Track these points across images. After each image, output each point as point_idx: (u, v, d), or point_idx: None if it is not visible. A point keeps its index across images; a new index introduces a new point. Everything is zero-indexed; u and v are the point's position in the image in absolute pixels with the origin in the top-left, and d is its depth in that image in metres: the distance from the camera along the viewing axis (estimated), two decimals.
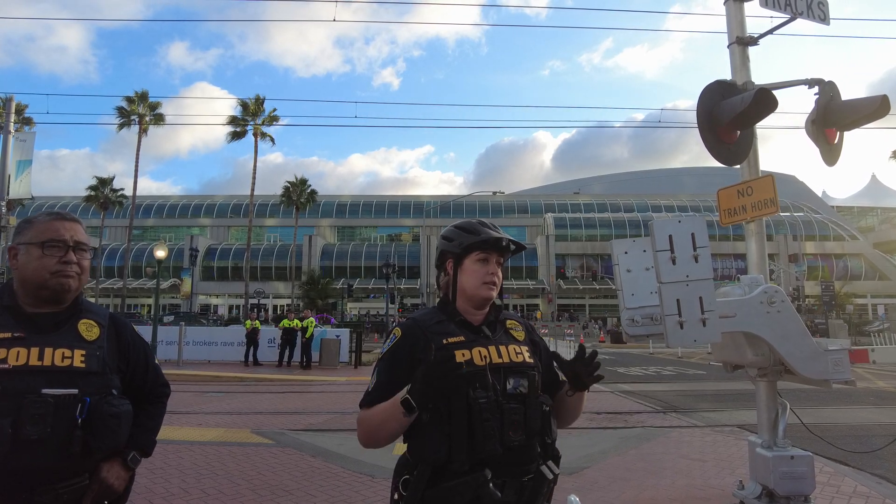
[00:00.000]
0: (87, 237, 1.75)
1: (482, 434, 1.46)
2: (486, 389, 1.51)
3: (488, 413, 1.47)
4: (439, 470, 1.48)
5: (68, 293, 1.66)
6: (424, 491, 1.48)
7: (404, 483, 1.53)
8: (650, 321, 3.58)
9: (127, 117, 36.72)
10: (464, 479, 1.46)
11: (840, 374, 3.18)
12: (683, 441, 6.78)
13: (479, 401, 1.48)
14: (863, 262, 51.10)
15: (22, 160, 13.47)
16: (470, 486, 1.45)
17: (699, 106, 3.77)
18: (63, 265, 1.63)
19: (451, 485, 1.46)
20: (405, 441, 1.59)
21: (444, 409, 1.49)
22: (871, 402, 10.19)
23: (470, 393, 1.49)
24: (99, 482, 1.61)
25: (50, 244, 1.63)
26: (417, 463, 1.52)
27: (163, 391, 1.93)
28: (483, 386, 1.51)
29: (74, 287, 1.66)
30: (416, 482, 1.49)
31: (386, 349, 1.64)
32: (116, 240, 53.18)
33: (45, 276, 1.61)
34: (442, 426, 1.48)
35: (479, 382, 1.52)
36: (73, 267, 1.65)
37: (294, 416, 8.43)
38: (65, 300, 1.67)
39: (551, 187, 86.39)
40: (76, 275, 1.66)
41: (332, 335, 17.52)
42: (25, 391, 1.48)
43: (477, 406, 1.47)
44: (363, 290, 49.86)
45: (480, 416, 1.47)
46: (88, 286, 6.22)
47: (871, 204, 67.38)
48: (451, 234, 1.73)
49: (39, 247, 1.62)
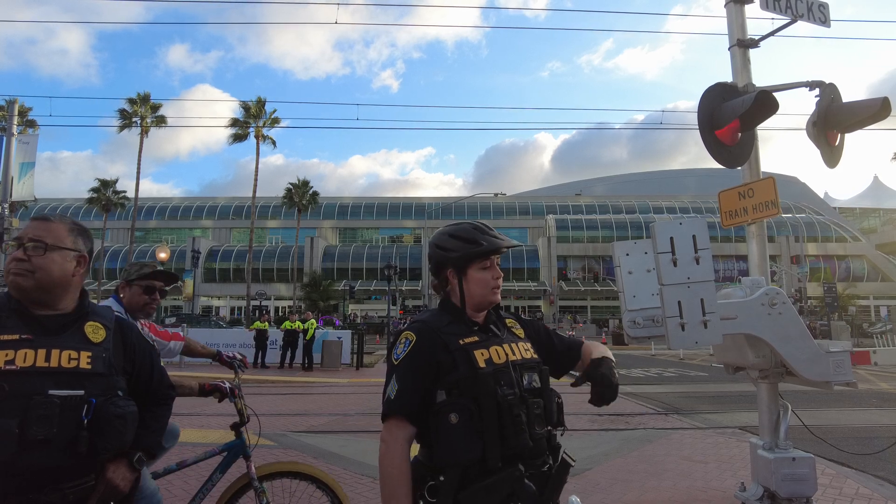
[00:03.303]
0: (58, 236, 1.66)
1: (514, 430, 1.48)
2: (511, 386, 1.54)
3: (517, 409, 1.50)
4: (467, 470, 1.48)
5: (25, 292, 1.61)
6: (456, 494, 1.47)
7: (430, 490, 1.51)
8: (652, 323, 3.58)
9: (128, 119, 36.76)
10: (500, 475, 1.46)
11: (841, 376, 3.17)
12: (685, 443, 6.77)
13: (507, 397, 1.50)
14: (865, 263, 50.96)
15: (25, 162, 13.50)
16: (507, 482, 1.46)
17: (700, 108, 3.78)
18: (12, 263, 1.61)
19: (488, 483, 1.46)
20: (422, 446, 1.58)
21: (474, 409, 1.49)
22: (873, 403, 10.16)
23: (498, 391, 1.50)
24: (105, 483, 1.63)
25: (10, 244, 1.65)
26: (444, 466, 1.50)
27: (168, 393, 1.94)
28: (508, 383, 1.54)
29: (27, 286, 1.60)
30: (447, 486, 1.48)
31: (402, 355, 1.59)
32: (119, 242, 53.29)
33: (5, 276, 1.63)
34: (473, 426, 1.48)
35: (504, 380, 1.54)
36: (21, 264, 1.60)
37: (296, 418, 8.44)
38: (38, 301, 1.62)
39: (552, 189, 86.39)
40: (26, 272, 1.59)
41: (333, 337, 17.54)
42: (32, 392, 1.49)
43: (507, 403, 1.49)
44: (365, 292, 49.86)
45: (511, 412, 1.49)
46: (90, 288, 6.17)
47: (873, 205, 67.23)
48: (447, 243, 1.71)
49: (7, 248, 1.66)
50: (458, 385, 1.53)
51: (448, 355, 1.56)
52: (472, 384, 1.52)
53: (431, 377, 1.56)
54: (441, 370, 1.56)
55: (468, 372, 1.53)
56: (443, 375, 1.56)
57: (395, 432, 1.53)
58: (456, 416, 1.49)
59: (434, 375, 1.56)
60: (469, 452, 1.47)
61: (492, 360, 1.56)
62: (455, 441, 1.48)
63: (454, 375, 1.54)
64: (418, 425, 1.55)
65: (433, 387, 1.56)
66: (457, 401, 1.51)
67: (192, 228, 57.11)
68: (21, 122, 21.10)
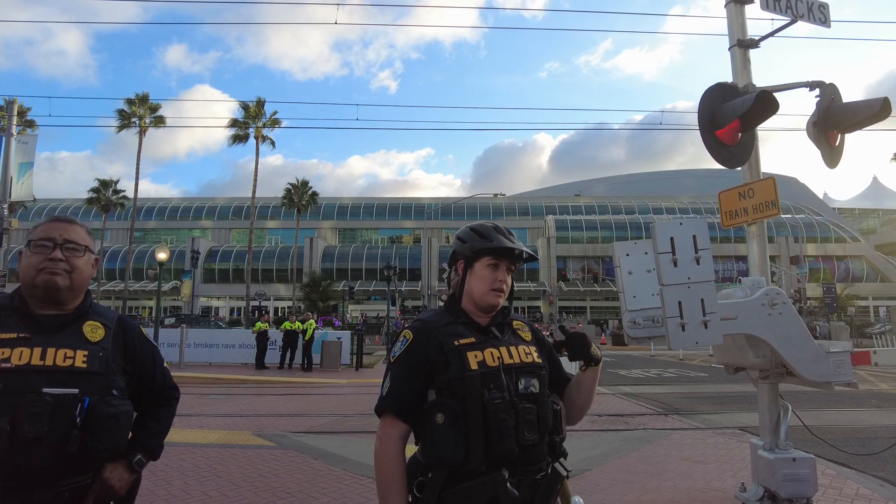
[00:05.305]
0: (86, 238, 1.74)
1: (499, 434, 1.47)
2: (501, 390, 1.52)
3: (504, 413, 1.48)
4: (455, 471, 1.48)
5: (58, 291, 1.64)
6: (441, 492, 1.48)
7: (419, 485, 1.53)
8: (652, 323, 3.58)
9: (127, 119, 36.78)
10: (482, 479, 1.46)
11: (842, 377, 3.17)
12: (685, 443, 6.77)
13: (494, 401, 1.49)
14: (864, 263, 51.00)
15: (24, 162, 13.48)
16: (488, 486, 1.46)
17: (700, 108, 3.78)
18: (48, 262, 1.63)
19: (470, 485, 1.46)
20: (417, 443, 1.59)
21: (459, 411, 1.49)
22: (873, 404, 10.17)
23: (485, 394, 1.49)
24: (100, 482, 1.63)
25: (38, 243, 1.65)
26: (432, 465, 1.51)
27: (171, 394, 1.93)
28: (497, 386, 1.52)
29: (63, 285, 1.64)
30: (432, 484, 1.49)
31: (399, 352, 1.61)
32: (118, 242, 53.26)
33: (33, 275, 1.63)
34: (458, 427, 1.48)
35: (494, 383, 1.52)
36: (59, 264, 1.64)
37: (296, 419, 8.43)
38: (59, 299, 1.66)
39: (552, 189, 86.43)
40: (64, 272, 1.64)
41: (333, 337, 17.53)
42: (26, 390, 1.50)
43: (493, 406, 1.48)
44: (364, 293, 49.86)
45: (496, 416, 1.47)
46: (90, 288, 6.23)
47: (872, 206, 67.36)
48: (466, 235, 1.73)
49: (29, 247, 1.66)
50: (449, 386, 1.53)
51: (442, 355, 1.56)
52: (460, 386, 1.51)
53: (425, 376, 1.56)
54: (435, 370, 1.56)
55: (458, 373, 1.53)
56: (436, 375, 1.56)
57: (388, 430, 1.55)
58: (442, 417, 1.49)
59: (428, 375, 1.56)
60: (453, 454, 1.47)
61: (484, 363, 1.55)
62: (440, 441, 1.49)
63: (446, 376, 1.54)
64: (411, 423, 1.56)
65: (426, 386, 1.56)
66: (445, 401, 1.51)
67: (191, 229, 57.11)
68: (20, 122, 21.08)
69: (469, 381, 1.51)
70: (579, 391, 1.75)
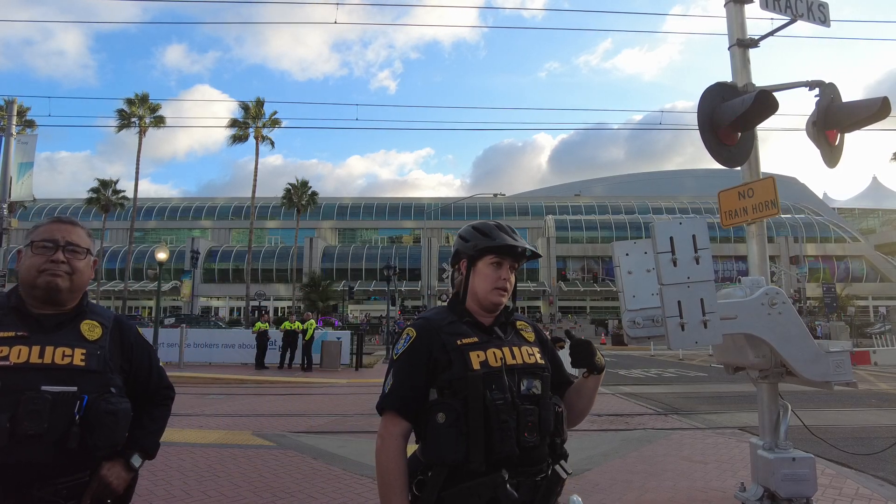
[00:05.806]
0: (87, 240, 1.75)
1: (500, 435, 1.46)
2: (503, 391, 1.51)
3: (505, 414, 1.48)
4: (455, 471, 1.48)
5: (59, 293, 1.65)
6: (441, 492, 1.48)
7: (419, 484, 1.52)
8: (651, 323, 3.58)
9: (127, 119, 36.76)
10: (482, 479, 1.46)
11: (841, 376, 3.17)
12: (685, 443, 6.77)
13: (496, 402, 1.48)
14: (864, 263, 51.00)
15: (23, 162, 13.47)
16: (488, 486, 1.45)
17: (700, 108, 3.77)
18: (50, 264, 1.64)
19: (470, 485, 1.46)
20: (417, 441, 1.59)
21: (461, 411, 1.48)
22: (872, 404, 10.17)
23: (487, 394, 1.49)
24: (98, 480, 1.63)
25: (39, 244, 1.66)
26: (432, 464, 1.51)
27: (167, 394, 1.94)
28: (499, 387, 1.51)
29: (64, 287, 1.65)
30: (432, 483, 1.49)
31: (401, 350, 1.61)
32: (117, 242, 53.22)
33: (34, 275, 1.63)
34: (459, 427, 1.47)
35: (496, 384, 1.52)
36: (61, 266, 1.65)
37: (295, 419, 8.43)
38: (59, 300, 1.67)
39: (552, 189, 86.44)
40: (65, 274, 1.65)
41: (332, 337, 17.53)
42: (25, 387, 1.50)
43: (494, 407, 1.47)
44: (364, 293, 49.84)
45: (498, 417, 1.47)
46: (90, 288, 6.26)
47: (872, 206, 67.36)
48: (468, 234, 1.73)
49: (31, 247, 1.66)
50: (451, 385, 1.53)
51: (445, 354, 1.56)
52: (462, 385, 1.51)
53: (427, 374, 1.56)
54: (437, 369, 1.56)
55: (461, 373, 1.52)
56: (438, 374, 1.55)
57: (389, 427, 1.54)
58: (443, 416, 1.48)
59: (430, 373, 1.56)
60: (453, 453, 1.47)
61: (487, 363, 1.54)
62: (441, 441, 1.48)
63: (448, 375, 1.54)
64: (413, 421, 1.55)
65: (428, 384, 1.56)
66: (446, 401, 1.51)
67: (191, 229, 57.07)
68: (20, 122, 21.09)
69: (471, 381, 1.50)
70: (579, 397, 1.75)
